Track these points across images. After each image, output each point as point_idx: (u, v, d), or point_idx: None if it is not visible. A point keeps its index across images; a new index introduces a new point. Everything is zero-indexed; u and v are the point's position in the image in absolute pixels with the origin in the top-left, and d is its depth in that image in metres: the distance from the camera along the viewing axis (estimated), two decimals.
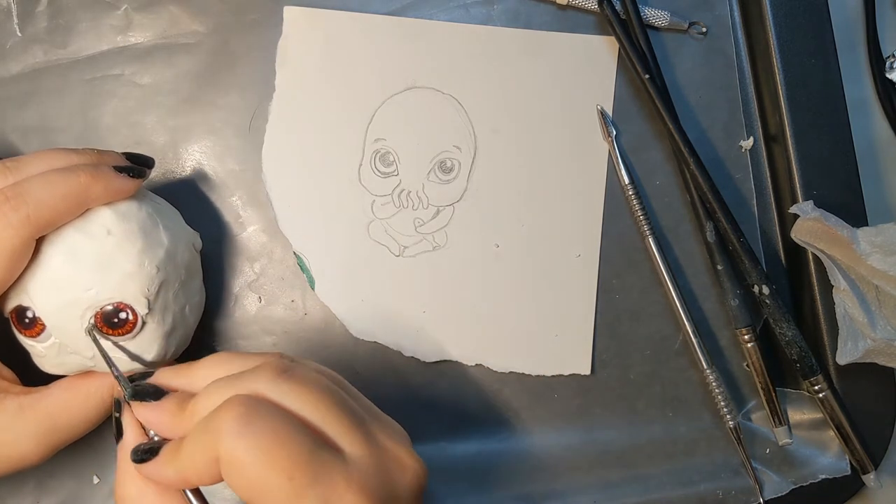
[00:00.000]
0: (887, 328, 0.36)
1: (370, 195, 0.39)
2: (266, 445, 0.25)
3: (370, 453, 0.26)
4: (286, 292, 0.39)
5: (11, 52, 0.38)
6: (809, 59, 0.39)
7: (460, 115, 0.40)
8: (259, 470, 0.24)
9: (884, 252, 0.36)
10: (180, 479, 0.26)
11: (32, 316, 0.30)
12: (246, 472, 0.25)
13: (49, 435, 0.31)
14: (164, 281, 0.31)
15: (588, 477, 0.39)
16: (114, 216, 0.31)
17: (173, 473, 0.26)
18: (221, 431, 0.25)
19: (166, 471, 0.27)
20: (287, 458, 0.25)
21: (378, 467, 0.26)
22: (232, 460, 0.25)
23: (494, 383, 0.39)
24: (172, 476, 0.26)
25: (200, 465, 0.25)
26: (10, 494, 0.37)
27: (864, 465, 0.38)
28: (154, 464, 0.27)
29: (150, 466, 0.27)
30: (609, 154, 0.40)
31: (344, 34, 0.39)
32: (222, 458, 0.25)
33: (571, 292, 0.39)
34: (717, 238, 0.39)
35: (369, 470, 0.26)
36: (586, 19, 0.40)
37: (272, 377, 0.27)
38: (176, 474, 0.26)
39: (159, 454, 0.27)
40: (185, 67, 0.39)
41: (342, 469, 0.25)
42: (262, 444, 0.25)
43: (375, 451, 0.27)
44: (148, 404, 0.28)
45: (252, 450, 0.24)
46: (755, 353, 0.39)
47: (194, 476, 0.26)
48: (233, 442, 0.24)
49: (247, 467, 0.24)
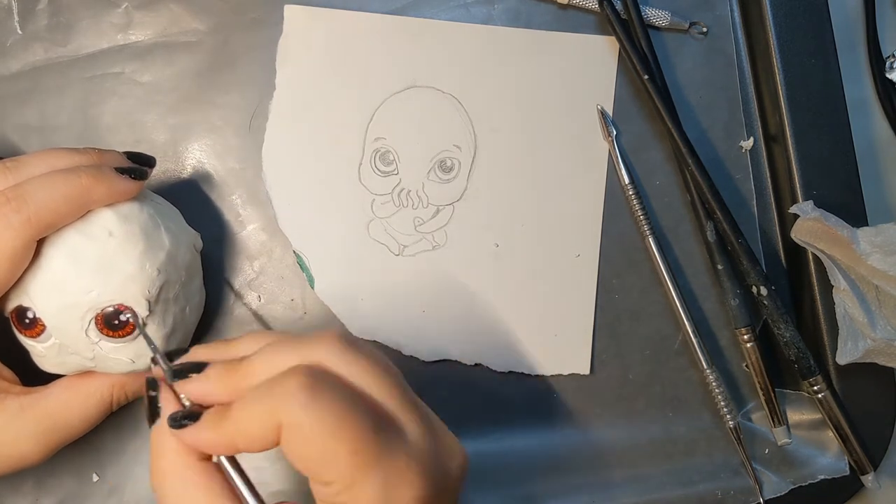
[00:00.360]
0: (887, 328, 0.36)
1: (370, 194, 0.39)
2: (334, 418, 0.24)
3: (428, 434, 0.27)
4: (286, 291, 0.39)
5: (12, 49, 0.38)
6: (809, 59, 0.39)
7: (460, 115, 0.40)
8: (325, 441, 0.24)
9: (884, 252, 0.36)
10: (227, 441, 0.26)
11: (33, 317, 0.30)
12: (311, 443, 0.24)
13: (49, 434, 0.31)
14: (164, 283, 0.31)
15: (587, 477, 0.39)
16: (115, 218, 0.31)
17: (217, 437, 0.26)
18: (287, 399, 0.24)
19: (209, 435, 0.26)
20: (354, 433, 0.24)
21: (434, 449, 0.26)
22: (297, 428, 0.24)
23: (494, 383, 0.39)
24: (216, 439, 0.26)
25: (256, 429, 0.25)
26: (9, 493, 0.37)
27: (862, 466, 0.38)
28: (194, 428, 0.26)
29: (189, 431, 0.26)
30: (609, 154, 0.40)
31: (344, 33, 0.39)
32: (287, 424, 0.24)
33: (571, 292, 0.39)
34: (717, 238, 0.39)
35: (428, 450, 0.26)
36: (587, 19, 0.40)
37: (338, 347, 0.26)
38: (221, 437, 0.26)
39: (200, 420, 0.26)
40: (186, 66, 0.39)
41: (404, 449, 0.25)
42: (330, 416, 0.24)
43: (432, 433, 0.27)
44: (192, 379, 0.27)
45: (319, 420, 0.24)
46: (754, 353, 0.39)
47: (244, 441, 0.25)
48: (301, 410, 0.24)
49: (312, 438, 0.24)
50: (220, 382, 0.27)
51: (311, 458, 0.25)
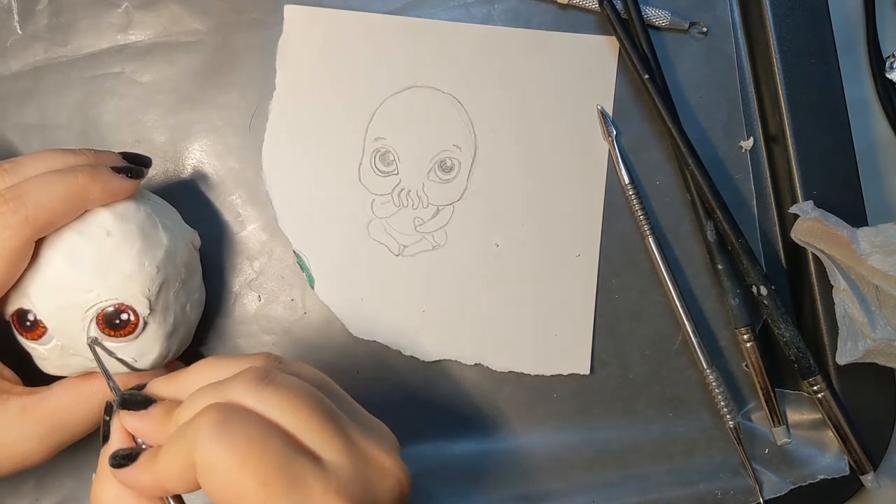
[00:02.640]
0: (887, 328, 0.36)
1: (370, 194, 0.39)
2: (240, 450, 0.25)
3: (350, 460, 0.26)
4: (286, 291, 0.39)
5: (12, 49, 0.38)
6: (809, 59, 0.39)
7: (460, 115, 0.40)
8: (233, 475, 0.24)
9: (884, 252, 0.36)
10: (157, 485, 0.26)
11: (34, 318, 0.30)
12: (220, 477, 0.25)
13: (51, 435, 0.31)
14: (164, 281, 0.31)
15: (587, 477, 0.39)
16: (113, 217, 0.31)
17: (150, 480, 0.26)
18: (197, 436, 0.25)
19: (143, 477, 0.27)
20: (261, 464, 0.24)
21: (358, 474, 0.26)
22: (207, 465, 0.25)
23: (494, 383, 0.39)
24: (149, 482, 0.26)
25: (176, 471, 0.25)
26: (9, 493, 0.37)
27: (862, 466, 0.38)
28: (131, 469, 0.27)
29: (127, 472, 0.27)
30: (609, 154, 0.40)
31: (344, 33, 0.39)
32: (198, 462, 0.25)
33: (571, 292, 0.39)
34: (717, 238, 0.39)
35: (348, 477, 0.26)
36: (587, 19, 0.40)
37: (251, 384, 0.27)
38: (153, 480, 0.26)
39: (137, 460, 0.27)
40: (186, 66, 0.39)
41: (320, 476, 0.25)
42: (236, 449, 0.25)
43: (355, 457, 0.26)
44: (135, 413, 0.28)
45: (226, 454, 0.24)
46: (754, 352, 0.39)
47: (170, 483, 0.26)
48: (208, 446, 0.25)
49: (221, 472, 0.24)
50: (157, 424, 0.28)
51: (224, 493, 0.25)
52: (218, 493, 0.25)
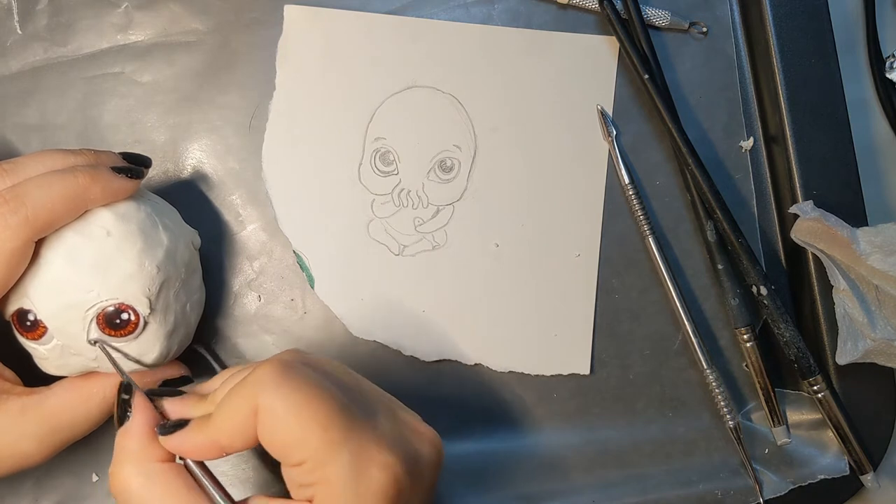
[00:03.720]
0: (887, 328, 0.36)
1: (370, 194, 0.39)
2: (304, 396, 0.26)
3: (392, 421, 0.28)
4: (286, 291, 0.39)
5: (12, 49, 0.38)
6: (809, 59, 0.39)
7: (460, 115, 0.40)
8: (296, 420, 0.25)
9: (884, 252, 0.36)
10: (211, 444, 0.27)
11: (34, 319, 0.30)
12: (283, 422, 0.25)
13: (51, 435, 0.31)
14: (164, 280, 0.31)
15: (587, 477, 0.39)
16: (113, 217, 0.31)
17: (203, 439, 0.27)
18: (261, 383, 0.26)
19: (197, 438, 0.27)
20: (323, 409, 0.25)
21: (400, 434, 0.27)
22: (270, 409, 0.25)
23: (494, 383, 0.39)
24: (203, 442, 0.27)
25: (237, 423, 0.26)
26: (9, 493, 0.37)
27: (862, 466, 0.38)
28: (183, 433, 0.27)
29: (178, 436, 0.27)
30: (609, 154, 0.40)
31: (344, 33, 0.39)
32: (261, 408, 0.25)
33: (571, 292, 0.39)
34: (717, 238, 0.39)
35: (397, 433, 0.27)
36: (587, 19, 0.40)
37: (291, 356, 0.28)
38: (206, 440, 0.27)
39: (188, 425, 0.27)
40: (186, 66, 0.39)
41: (371, 429, 0.26)
42: (300, 393, 0.26)
43: (396, 420, 0.28)
44: (172, 398, 0.29)
45: (290, 398, 0.25)
46: (754, 352, 0.39)
47: (226, 437, 0.26)
48: (273, 390, 0.25)
49: (285, 417, 0.25)
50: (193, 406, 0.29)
51: (284, 439, 0.26)
52: (278, 438, 0.26)
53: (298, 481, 0.26)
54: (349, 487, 0.25)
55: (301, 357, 0.28)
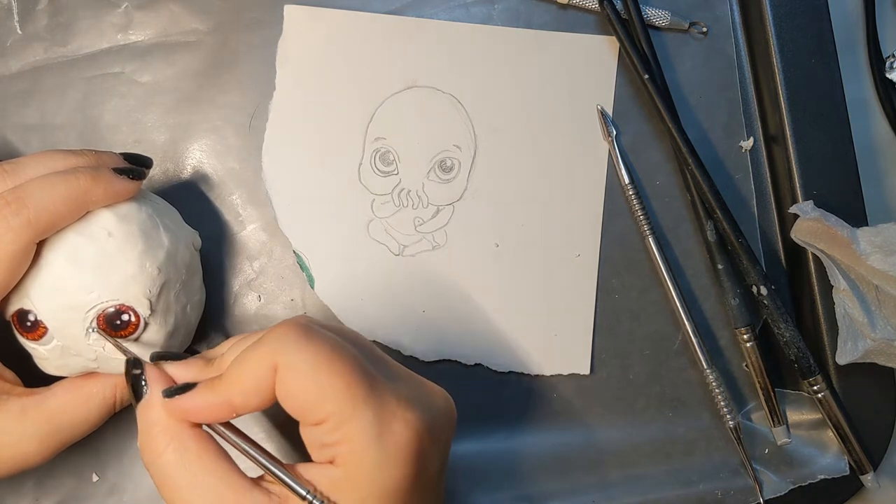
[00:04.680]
0: (887, 328, 0.36)
1: (370, 194, 0.39)
2: (326, 354, 0.26)
3: (408, 381, 0.28)
4: (286, 291, 0.39)
5: (12, 49, 0.38)
6: (809, 59, 0.39)
7: (460, 115, 0.40)
8: (320, 376, 0.25)
9: (884, 252, 0.36)
10: (223, 403, 0.26)
11: (34, 319, 0.30)
12: (306, 379, 0.25)
13: (52, 436, 0.31)
14: (165, 282, 0.31)
15: (587, 477, 0.39)
16: (114, 218, 0.31)
17: (215, 398, 0.26)
18: (283, 340, 0.26)
19: (208, 397, 0.26)
20: (346, 366, 0.26)
21: (417, 392, 0.28)
22: (292, 366, 0.25)
23: (494, 383, 0.39)
24: (215, 401, 0.26)
25: (253, 381, 0.26)
26: (9, 493, 0.37)
27: (862, 466, 0.38)
28: (193, 393, 0.27)
29: (188, 396, 0.27)
30: (609, 154, 0.40)
31: (344, 33, 0.39)
32: (281, 365, 0.25)
33: (571, 292, 0.39)
34: (717, 238, 0.39)
35: (414, 391, 0.27)
36: (587, 19, 0.40)
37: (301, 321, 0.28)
38: (217, 399, 0.26)
39: (197, 387, 0.27)
40: (186, 66, 0.39)
41: (390, 387, 0.26)
42: (322, 353, 0.26)
43: (412, 380, 0.29)
44: (176, 363, 0.29)
45: (314, 355, 0.25)
46: (754, 352, 0.39)
47: (241, 395, 0.26)
48: (296, 348, 0.25)
49: (309, 372, 0.25)
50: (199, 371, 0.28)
51: (306, 396, 0.25)
52: (300, 395, 0.25)
53: (321, 440, 0.26)
54: (374, 443, 0.25)
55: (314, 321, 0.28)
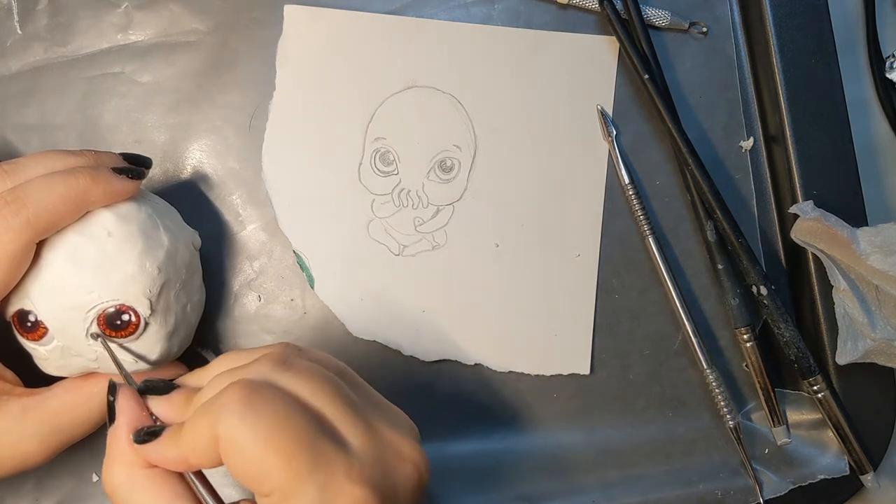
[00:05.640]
0: (887, 328, 0.36)
1: (370, 194, 0.39)
2: (266, 426, 0.24)
3: (370, 444, 0.26)
4: (286, 291, 0.39)
5: (11, 49, 0.38)
6: (809, 59, 0.39)
7: (460, 115, 0.40)
8: (257, 452, 0.24)
9: (884, 252, 0.36)
10: (181, 459, 0.26)
11: (35, 319, 0.30)
12: (244, 454, 0.24)
13: (52, 436, 0.31)
14: (165, 281, 0.31)
15: (587, 477, 0.39)
16: (114, 218, 0.31)
17: (175, 454, 0.26)
18: (222, 411, 0.24)
19: (168, 451, 0.26)
20: (287, 441, 0.24)
21: (377, 459, 0.26)
22: (231, 440, 0.24)
23: (494, 383, 0.39)
24: (174, 456, 0.26)
25: (200, 446, 0.25)
26: (9, 493, 0.37)
27: (862, 466, 0.38)
28: (155, 444, 0.27)
29: (151, 447, 0.27)
30: (609, 154, 0.40)
31: (344, 33, 0.39)
32: (221, 437, 0.24)
33: (571, 292, 0.39)
34: (717, 238, 0.39)
35: (368, 461, 0.26)
36: (587, 19, 0.40)
37: (272, 367, 0.27)
38: (177, 455, 0.26)
39: (161, 436, 0.27)
40: (186, 66, 0.39)
41: (343, 458, 0.25)
42: (261, 425, 0.24)
43: (375, 442, 0.26)
44: (158, 397, 0.28)
45: (251, 431, 0.24)
46: (754, 352, 0.39)
47: (194, 457, 0.26)
48: (233, 421, 0.24)
49: (245, 449, 0.24)
50: (179, 408, 0.28)
51: (248, 470, 0.24)
52: (241, 469, 0.25)
53: None
54: None
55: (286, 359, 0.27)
